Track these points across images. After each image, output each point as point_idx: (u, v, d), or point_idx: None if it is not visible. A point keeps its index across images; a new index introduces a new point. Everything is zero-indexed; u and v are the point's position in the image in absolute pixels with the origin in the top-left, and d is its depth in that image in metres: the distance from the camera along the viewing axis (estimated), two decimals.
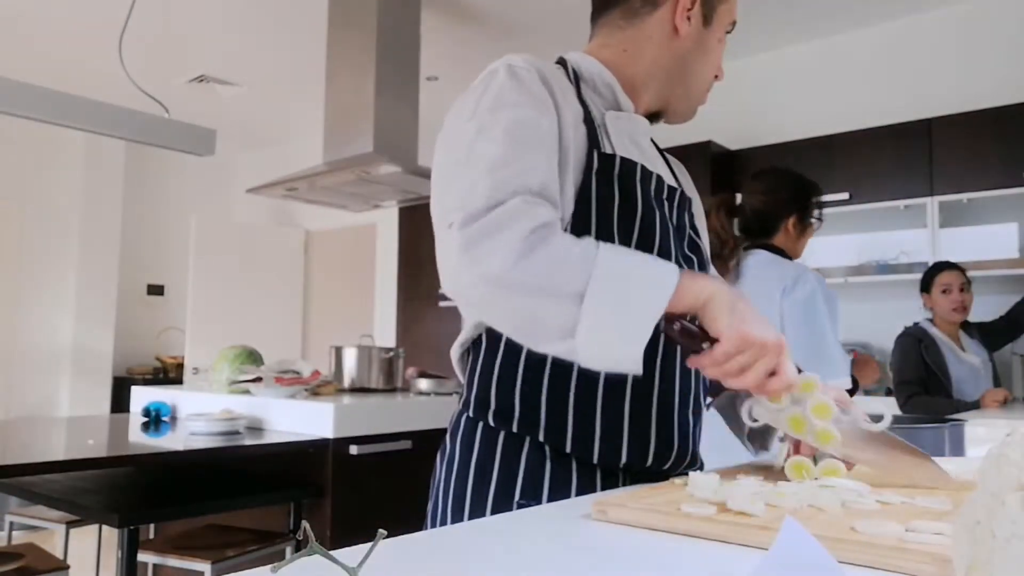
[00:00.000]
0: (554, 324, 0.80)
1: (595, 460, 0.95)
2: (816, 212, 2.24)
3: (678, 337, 0.84)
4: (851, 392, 2.05)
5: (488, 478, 0.96)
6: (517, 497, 0.94)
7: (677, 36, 1.05)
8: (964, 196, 3.45)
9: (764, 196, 2.23)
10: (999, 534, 0.39)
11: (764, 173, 2.32)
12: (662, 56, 1.06)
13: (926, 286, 3.17)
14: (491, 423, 0.98)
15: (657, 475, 0.98)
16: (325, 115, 3.52)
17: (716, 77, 1.10)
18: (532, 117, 0.92)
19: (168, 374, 6.04)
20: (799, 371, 0.89)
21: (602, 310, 0.79)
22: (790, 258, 2.19)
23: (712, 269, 1.23)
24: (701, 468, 1.07)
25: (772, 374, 0.83)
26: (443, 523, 0.98)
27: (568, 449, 0.95)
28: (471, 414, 1.01)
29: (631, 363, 0.80)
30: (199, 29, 4.24)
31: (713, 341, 0.82)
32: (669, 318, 0.83)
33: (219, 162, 6.66)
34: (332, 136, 3.46)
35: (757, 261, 2.13)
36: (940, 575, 0.54)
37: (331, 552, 0.44)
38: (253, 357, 2.97)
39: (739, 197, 2.33)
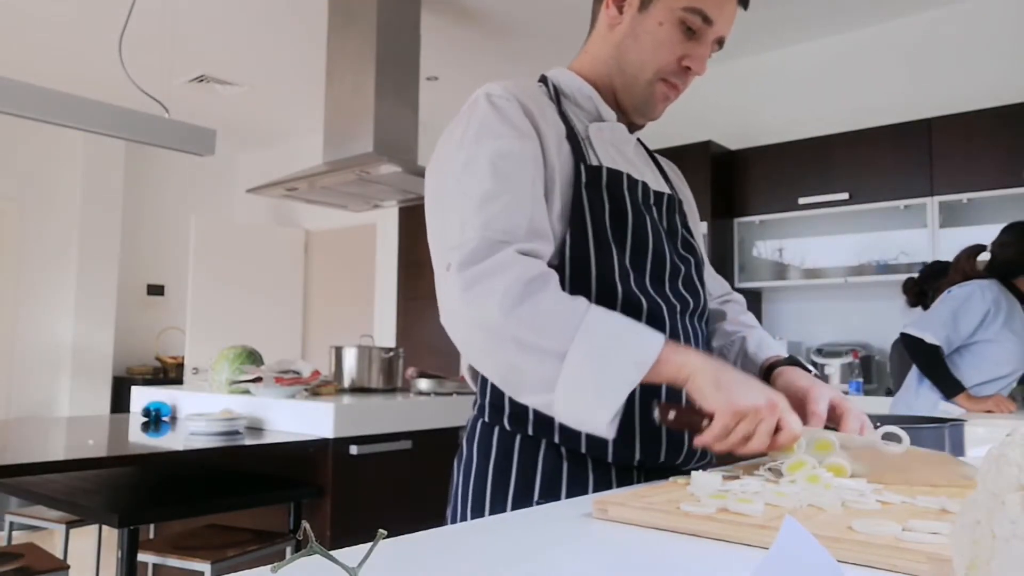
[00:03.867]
0: (536, 378, 0.84)
1: (610, 459, 0.98)
2: None
3: (676, 423, 0.87)
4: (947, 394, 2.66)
5: (507, 480, 0.98)
6: (536, 497, 0.96)
7: (613, 27, 1.06)
8: (964, 196, 3.45)
9: (1010, 248, 2.69)
10: (999, 534, 0.39)
11: (1013, 229, 2.74)
12: (604, 49, 1.08)
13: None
14: (507, 427, 1.01)
15: (671, 470, 1.00)
16: (325, 115, 3.52)
17: (689, 69, 1.03)
18: (514, 148, 0.95)
19: (168, 374, 6.04)
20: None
21: (581, 372, 0.82)
22: (1016, 289, 2.69)
23: (708, 269, 1.23)
24: (712, 460, 1.08)
25: (777, 430, 0.84)
26: None
27: (583, 449, 0.97)
28: (487, 419, 1.03)
29: (603, 426, 0.83)
30: (199, 29, 4.24)
31: (710, 416, 0.84)
32: (663, 409, 0.87)
33: (219, 162, 6.66)
34: (332, 136, 3.46)
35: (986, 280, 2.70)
36: (937, 574, 0.54)
37: (331, 552, 0.44)
38: (253, 357, 2.97)
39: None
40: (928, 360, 2.69)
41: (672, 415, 0.86)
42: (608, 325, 0.85)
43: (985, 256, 2.80)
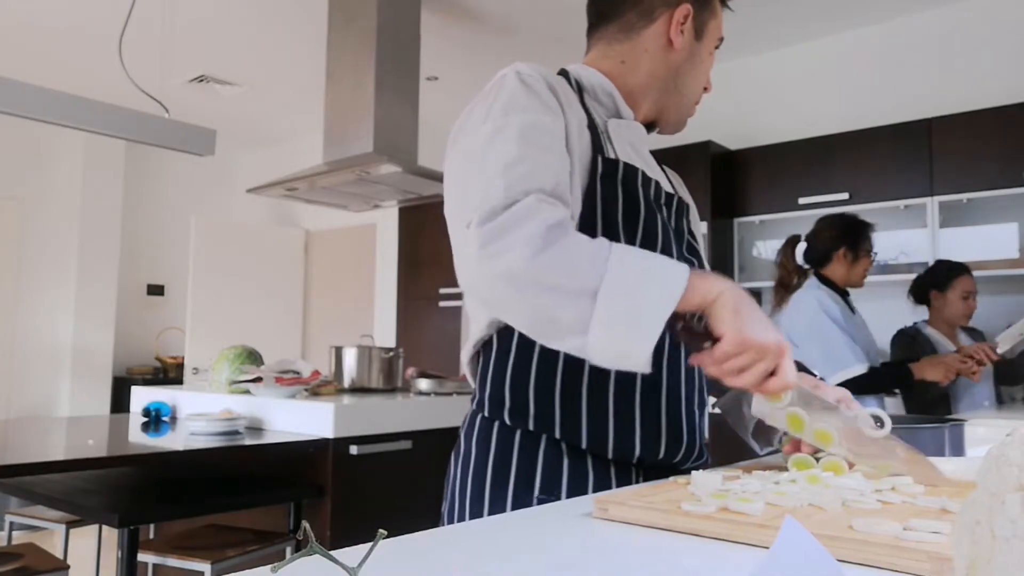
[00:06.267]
0: (568, 320, 0.82)
1: (610, 455, 0.98)
2: (866, 245, 2.77)
3: (681, 336, 0.86)
4: (910, 387, 2.71)
5: (507, 475, 0.98)
6: (537, 493, 0.96)
7: (672, 48, 1.09)
8: (964, 196, 3.45)
9: (818, 235, 2.81)
10: (999, 534, 0.39)
11: (822, 218, 2.88)
12: (658, 67, 1.10)
13: (941, 285, 3.05)
14: (507, 422, 1.01)
15: (669, 468, 1.01)
16: (325, 115, 3.52)
17: (705, 89, 1.16)
18: (543, 120, 0.95)
19: (168, 374, 6.04)
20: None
21: (615, 307, 0.81)
22: (832, 284, 2.75)
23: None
24: (708, 461, 1.09)
25: (772, 374, 0.84)
26: (461, 521, 1.00)
27: (584, 445, 0.97)
28: (486, 414, 1.03)
29: (641, 360, 0.82)
30: (199, 29, 4.24)
31: (715, 340, 0.84)
32: (674, 317, 0.85)
33: (219, 162, 6.66)
34: (332, 136, 3.46)
35: (805, 285, 2.77)
36: (936, 573, 0.54)
37: (331, 552, 0.44)
38: (253, 357, 2.97)
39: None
40: (876, 384, 2.63)
41: (679, 325, 0.86)
42: (635, 258, 0.84)
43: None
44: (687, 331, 0.86)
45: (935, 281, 3.09)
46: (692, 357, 0.86)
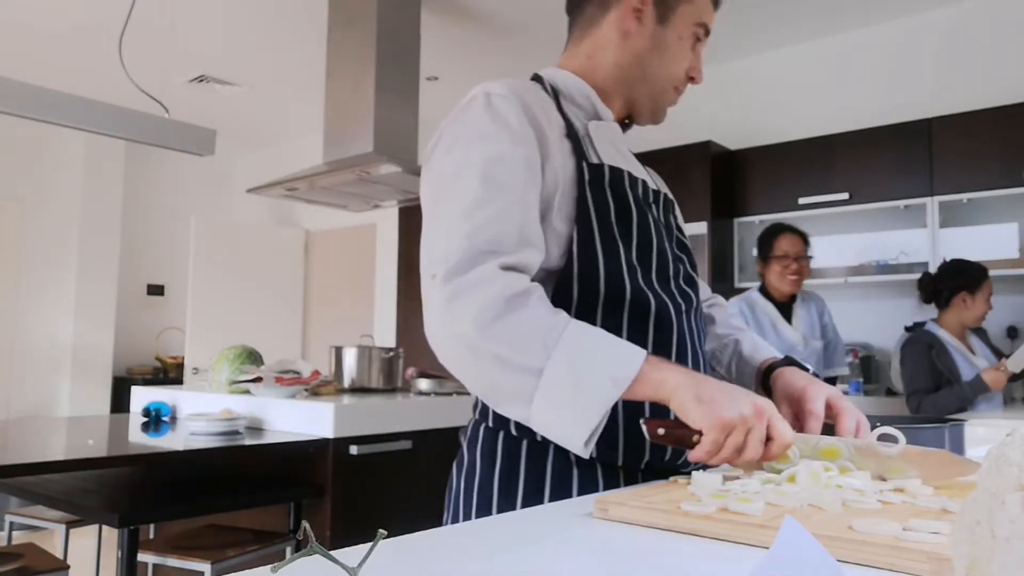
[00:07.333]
0: (513, 392, 0.84)
1: (620, 462, 0.96)
2: (767, 251, 2.95)
3: (666, 440, 0.87)
4: None
5: (515, 486, 0.97)
6: (547, 502, 0.95)
7: (630, 36, 1.07)
8: (964, 196, 3.45)
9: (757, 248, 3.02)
10: (999, 534, 0.39)
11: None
12: (621, 58, 1.08)
13: (972, 287, 2.96)
14: (513, 432, 0.99)
15: (672, 471, 1.00)
16: (325, 115, 3.52)
17: (692, 79, 1.10)
18: (507, 152, 0.93)
19: (168, 374, 6.04)
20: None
21: (558, 388, 0.82)
22: (767, 294, 3.04)
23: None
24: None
25: (768, 439, 0.84)
26: None
27: (594, 453, 0.95)
28: (490, 423, 1.01)
29: (578, 445, 0.83)
30: (199, 29, 4.24)
31: (699, 432, 0.83)
32: (651, 426, 0.86)
33: (219, 162, 6.66)
34: (332, 136, 3.46)
35: None
36: (936, 573, 0.54)
37: (331, 552, 0.44)
38: (253, 357, 2.97)
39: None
40: None
41: (661, 432, 0.86)
42: (587, 340, 0.84)
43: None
44: (669, 433, 0.86)
45: (966, 283, 2.99)
46: (690, 456, 0.85)
